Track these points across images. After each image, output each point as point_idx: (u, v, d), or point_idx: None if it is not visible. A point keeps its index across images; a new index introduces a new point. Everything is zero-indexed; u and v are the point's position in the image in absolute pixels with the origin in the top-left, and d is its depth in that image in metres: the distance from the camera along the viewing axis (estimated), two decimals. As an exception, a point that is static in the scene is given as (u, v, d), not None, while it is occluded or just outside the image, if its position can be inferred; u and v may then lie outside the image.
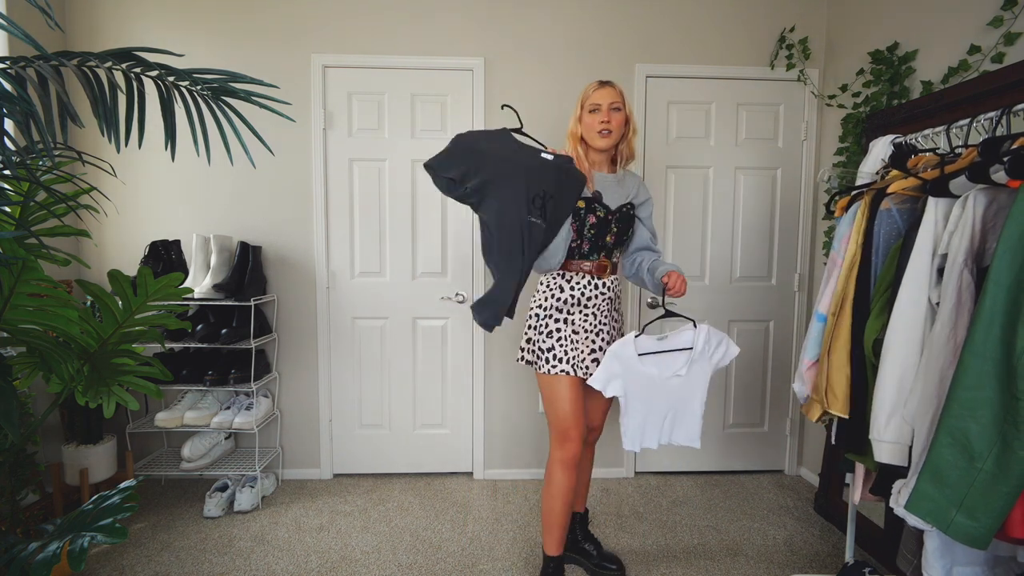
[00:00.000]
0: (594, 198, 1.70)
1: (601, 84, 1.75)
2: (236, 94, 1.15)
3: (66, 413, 2.26)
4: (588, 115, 1.74)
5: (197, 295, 2.29)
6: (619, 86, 1.76)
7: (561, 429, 1.71)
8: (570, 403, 1.70)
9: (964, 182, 1.19)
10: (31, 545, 1.12)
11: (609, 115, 1.71)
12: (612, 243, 1.74)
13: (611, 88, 1.74)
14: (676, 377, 1.63)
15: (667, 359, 1.63)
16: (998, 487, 1.00)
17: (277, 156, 2.00)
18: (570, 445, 1.71)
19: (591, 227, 1.69)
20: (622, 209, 1.74)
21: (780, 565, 1.99)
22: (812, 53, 2.58)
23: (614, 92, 1.73)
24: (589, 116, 1.73)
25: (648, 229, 1.85)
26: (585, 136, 1.76)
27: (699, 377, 1.65)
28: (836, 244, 1.60)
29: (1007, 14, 1.73)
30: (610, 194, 1.75)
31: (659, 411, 1.66)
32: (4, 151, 0.99)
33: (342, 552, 2.06)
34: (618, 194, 1.76)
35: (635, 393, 1.63)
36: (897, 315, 1.28)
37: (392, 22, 2.53)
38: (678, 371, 1.63)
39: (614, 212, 1.73)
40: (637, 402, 1.64)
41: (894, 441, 1.27)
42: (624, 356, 1.61)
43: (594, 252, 1.72)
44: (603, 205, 1.71)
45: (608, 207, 1.72)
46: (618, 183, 1.78)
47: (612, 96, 1.72)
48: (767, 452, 2.80)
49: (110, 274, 1.32)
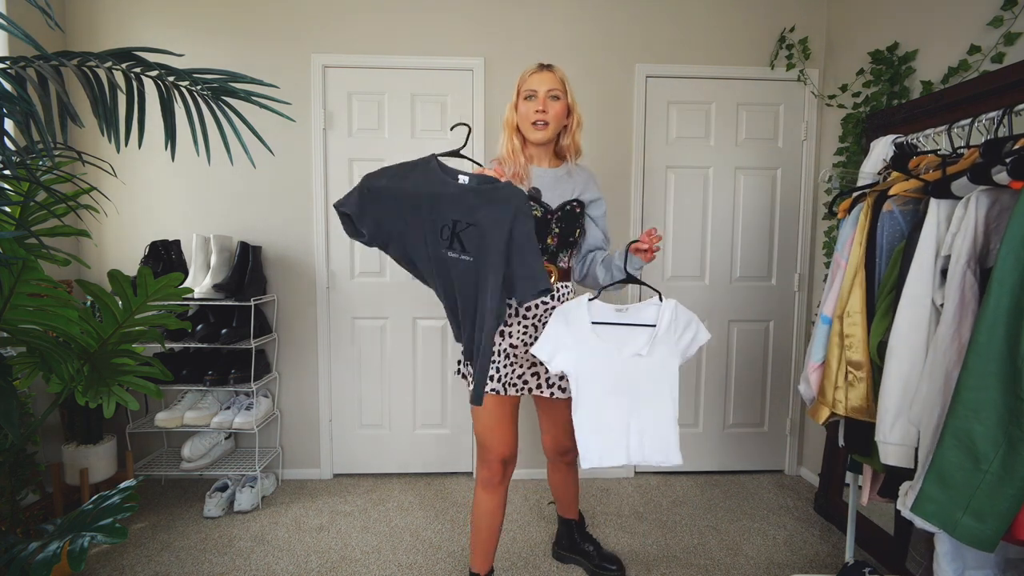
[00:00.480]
0: (530, 196, 1.50)
1: (540, 67, 1.55)
2: (236, 94, 1.15)
3: (66, 413, 2.26)
4: (524, 103, 1.55)
5: (197, 295, 2.28)
6: (560, 71, 1.56)
7: (482, 448, 1.59)
8: (495, 423, 1.55)
9: (966, 183, 1.19)
10: (31, 545, 1.12)
11: (546, 103, 1.51)
12: (555, 246, 1.56)
13: (550, 73, 1.54)
14: (637, 357, 1.36)
15: (626, 334, 1.38)
16: (1004, 489, 1.00)
17: (277, 156, 1.99)
18: (488, 467, 1.58)
19: None
20: (565, 207, 1.56)
21: (780, 565, 1.99)
22: (812, 53, 2.58)
23: (553, 78, 1.53)
24: (525, 104, 1.54)
25: (601, 230, 1.66)
26: (520, 126, 1.57)
27: (666, 366, 1.37)
28: (840, 246, 1.60)
29: (1007, 14, 1.73)
30: (551, 191, 1.56)
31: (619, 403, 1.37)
32: (4, 151, 0.98)
33: (342, 552, 2.05)
34: (561, 191, 1.58)
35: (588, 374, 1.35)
36: (901, 317, 1.27)
37: (392, 22, 2.53)
38: (639, 350, 1.36)
39: (554, 211, 1.55)
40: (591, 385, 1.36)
41: (900, 443, 1.27)
42: (574, 319, 1.37)
43: None
44: (541, 204, 1.53)
45: (547, 206, 1.54)
46: (561, 179, 1.60)
47: (551, 82, 1.52)
48: (767, 452, 2.80)
49: (110, 274, 1.32)
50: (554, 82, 1.53)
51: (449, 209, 1.36)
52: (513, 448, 1.61)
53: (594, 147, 2.62)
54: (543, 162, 1.62)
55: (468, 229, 1.34)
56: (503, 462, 1.59)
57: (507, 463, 1.60)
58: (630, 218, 2.64)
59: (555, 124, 1.54)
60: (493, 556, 1.70)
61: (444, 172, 1.40)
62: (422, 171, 1.40)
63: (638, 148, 2.62)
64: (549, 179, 1.58)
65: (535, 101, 1.52)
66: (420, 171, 1.40)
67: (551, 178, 1.58)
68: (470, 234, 1.34)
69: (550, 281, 1.41)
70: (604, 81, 2.59)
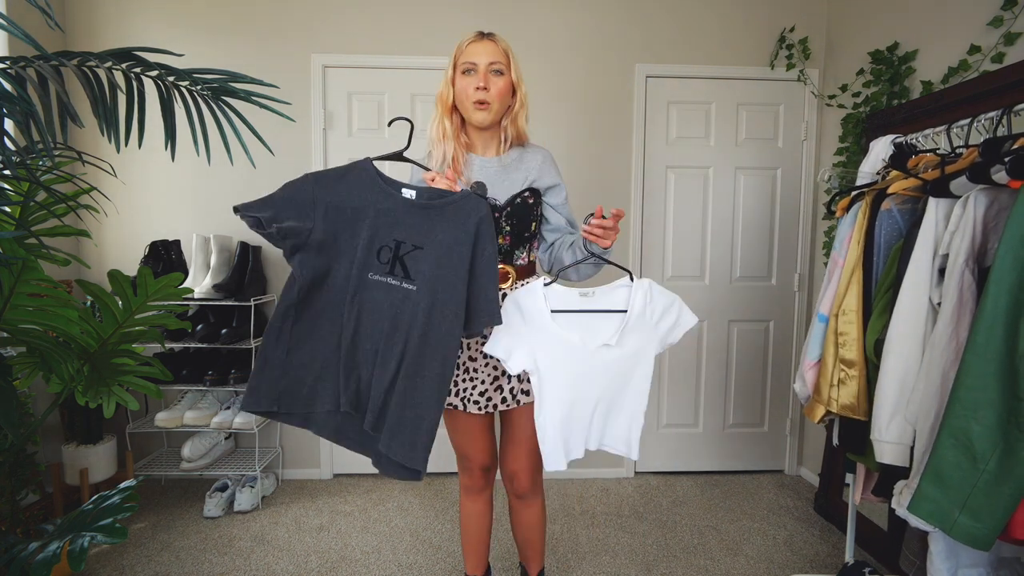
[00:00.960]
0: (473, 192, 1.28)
1: (480, 36, 1.32)
2: (236, 94, 1.15)
3: (66, 413, 2.26)
4: (461, 77, 1.31)
5: (197, 295, 2.28)
6: (504, 42, 1.33)
7: (461, 457, 1.53)
8: (470, 438, 1.46)
9: (965, 182, 1.19)
10: (31, 545, 1.12)
11: (487, 79, 1.29)
12: (509, 245, 1.37)
13: (491, 43, 1.31)
14: (605, 348, 1.18)
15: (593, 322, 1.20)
16: (1001, 488, 1.00)
17: (277, 156, 1.99)
18: (470, 475, 1.52)
19: None
20: (515, 201, 1.35)
21: (780, 565, 1.99)
22: (812, 53, 2.58)
23: (496, 48, 1.31)
24: (463, 79, 1.31)
25: (564, 217, 1.44)
26: (459, 106, 1.34)
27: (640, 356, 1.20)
28: (837, 245, 1.60)
29: (1007, 14, 1.73)
30: (497, 184, 1.35)
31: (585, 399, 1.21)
32: (4, 151, 0.98)
33: (342, 552, 2.05)
34: (510, 182, 1.37)
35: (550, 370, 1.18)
36: (898, 315, 1.27)
37: (392, 22, 2.53)
38: (608, 340, 1.19)
39: (503, 207, 1.35)
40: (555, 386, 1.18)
41: (896, 442, 1.27)
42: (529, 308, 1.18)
43: None
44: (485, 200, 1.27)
45: (494, 202, 1.34)
46: (508, 167, 1.37)
47: (493, 53, 1.30)
48: (767, 452, 2.80)
49: (110, 274, 1.32)
50: (497, 54, 1.30)
51: (391, 228, 1.14)
52: (492, 456, 1.54)
53: (594, 147, 2.62)
54: (488, 150, 1.39)
55: (414, 252, 1.13)
56: (483, 469, 1.52)
57: (488, 470, 1.54)
58: (630, 218, 2.64)
59: (499, 104, 1.32)
60: (487, 558, 1.66)
61: (384, 182, 1.18)
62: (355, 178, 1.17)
63: (638, 148, 2.62)
64: (494, 170, 1.36)
65: (475, 76, 1.30)
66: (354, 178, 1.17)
67: (496, 168, 1.36)
68: (416, 258, 1.12)
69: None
70: (604, 81, 2.59)
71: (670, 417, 2.76)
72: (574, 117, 2.60)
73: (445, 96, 1.35)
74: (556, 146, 2.56)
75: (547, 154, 1.44)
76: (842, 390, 1.45)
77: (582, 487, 2.62)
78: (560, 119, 2.59)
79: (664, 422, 2.76)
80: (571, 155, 2.60)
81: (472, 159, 1.36)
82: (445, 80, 1.35)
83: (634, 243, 2.65)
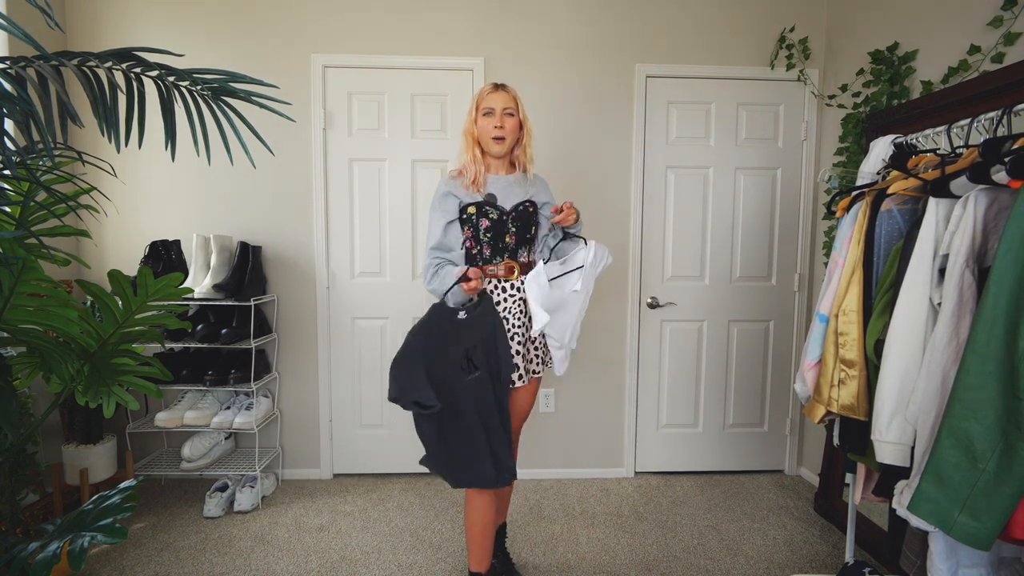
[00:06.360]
0: (485, 201, 1.71)
1: (495, 87, 1.75)
2: (236, 94, 1.15)
3: (66, 413, 2.26)
4: (483, 118, 1.74)
5: (197, 295, 2.28)
6: (513, 91, 1.77)
7: None
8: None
9: (965, 182, 1.19)
10: (31, 545, 1.12)
11: (502, 120, 1.72)
12: (514, 244, 1.74)
13: (505, 92, 1.74)
14: (573, 293, 1.74)
15: (566, 280, 1.74)
16: (1001, 488, 1.00)
17: (277, 156, 2.00)
18: None
19: (486, 231, 1.69)
20: (518, 207, 1.74)
21: (780, 565, 1.99)
22: (812, 53, 2.58)
23: (508, 96, 1.73)
24: (484, 119, 1.74)
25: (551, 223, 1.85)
26: (480, 140, 1.76)
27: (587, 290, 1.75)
28: (838, 245, 1.60)
29: (1007, 14, 1.73)
30: (506, 195, 1.75)
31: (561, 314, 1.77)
32: (4, 151, 0.98)
33: (342, 552, 2.06)
34: (514, 194, 1.76)
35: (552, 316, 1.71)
36: (899, 315, 1.27)
37: (392, 22, 2.53)
38: (574, 287, 1.73)
39: (509, 212, 1.73)
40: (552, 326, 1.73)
41: (896, 442, 1.27)
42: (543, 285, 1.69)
43: (496, 255, 1.72)
44: (496, 207, 1.71)
45: (502, 208, 1.72)
46: (513, 184, 1.78)
47: (505, 101, 1.72)
48: (767, 452, 2.80)
49: (110, 274, 1.32)
50: (508, 101, 1.73)
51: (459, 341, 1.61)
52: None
53: (594, 147, 2.62)
54: (499, 171, 1.81)
55: (476, 349, 1.60)
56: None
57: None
58: (630, 218, 2.64)
59: (510, 138, 1.76)
60: (491, 555, 1.70)
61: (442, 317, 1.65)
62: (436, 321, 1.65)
63: (638, 148, 2.62)
64: (503, 185, 1.77)
65: (493, 117, 1.72)
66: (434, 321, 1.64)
67: (504, 184, 1.78)
68: (478, 352, 1.60)
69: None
70: (604, 81, 2.59)
71: (670, 417, 2.76)
72: (574, 117, 2.60)
73: (470, 130, 1.78)
74: (556, 146, 2.58)
75: (543, 180, 1.87)
76: (842, 390, 1.45)
77: (582, 487, 2.62)
78: (561, 119, 2.59)
79: (664, 422, 2.76)
80: (571, 155, 2.60)
81: (489, 177, 1.78)
82: (469, 119, 1.78)
83: (634, 243, 2.65)
